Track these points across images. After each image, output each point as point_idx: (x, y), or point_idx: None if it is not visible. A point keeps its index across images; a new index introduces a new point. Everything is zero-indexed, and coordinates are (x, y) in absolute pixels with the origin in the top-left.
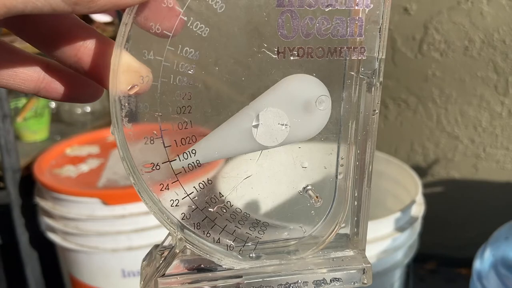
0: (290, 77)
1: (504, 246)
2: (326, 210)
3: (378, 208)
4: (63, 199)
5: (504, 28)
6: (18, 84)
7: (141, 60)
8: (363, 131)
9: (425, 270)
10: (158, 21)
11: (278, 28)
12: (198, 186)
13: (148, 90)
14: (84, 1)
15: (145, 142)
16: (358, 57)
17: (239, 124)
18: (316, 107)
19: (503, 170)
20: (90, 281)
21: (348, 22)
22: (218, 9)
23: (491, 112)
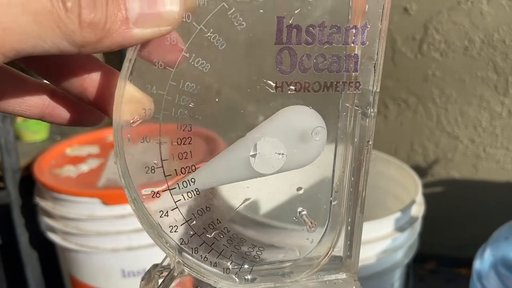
0: (287, 109)
1: (504, 246)
2: (321, 233)
3: (378, 208)
4: (63, 199)
5: (504, 28)
6: (24, 110)
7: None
8: (357, 160)
9: (425, 270)
10: (161, 56)
11: (277, 64)
12: (197, 213)
13: (150, 121)
14: (91, 43)
15: (146, 172)
16: (353, 91)
17: (237, 153)
18: (312, 137)
19: (503, 170)
20: (90, 281)
21: (344, 58)
22: (219, 46)
23: (491, 112)
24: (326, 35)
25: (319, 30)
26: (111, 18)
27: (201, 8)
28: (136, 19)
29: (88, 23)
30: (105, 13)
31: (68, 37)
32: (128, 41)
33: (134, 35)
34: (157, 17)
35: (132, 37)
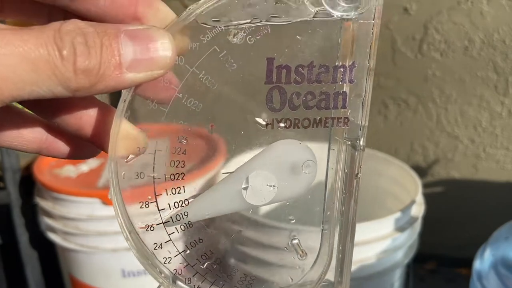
0: (278, 142)
1: (504, 246)
2: (312, 261)
3: (378, 208)
4: (63, 199)
5: (504, 28)
6: (22, 145)
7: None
8: (346, 192)
9: (425, 270)
10: (155, 94)
11: (267, 102)
12: (190, 245)
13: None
14: (85, 88)
15: (140, 206)
16: (342, 126)
17: (229, 186)
18: (302, 170)
19: (503, 170)
20: (90, 281)
21: (333, 95)
22: (211, 86)
23: (491, 112)
24: (315, 74)
25: (308, 69)
26: (105, 64)
27: (193, 51)
28: (129, 64)
29: (83, 70)
30: (99, 60)
31: (63, 83)
32: (121, 85)
33: (127, 79)
34: (150, 62)
35: (125, 81)
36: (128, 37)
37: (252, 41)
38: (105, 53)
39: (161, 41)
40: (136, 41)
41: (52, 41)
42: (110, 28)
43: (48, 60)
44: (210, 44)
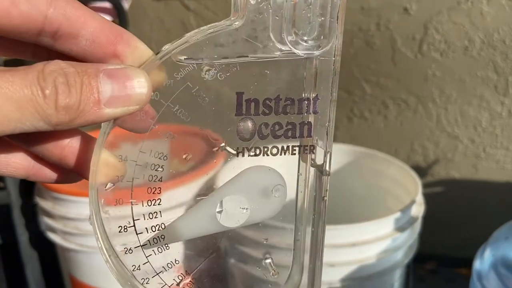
0: (249, 168)
1: (504, 246)
2: (285, 279)
3: (378, 208)
4: (63, 199)
5: (504, 28)
6: (10, 171)
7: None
8: (315, 213)
9: (425, 270)
10: (133, 126)
11: (238, 133)
12: (167, 266)
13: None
14: (65, 122)
15: (119, 231)
16: (309, 153)
17: (204, 210)
18: (273, 194)
19: (503, 170)
20: (90, 281)
21: (299, 126)
22: (184, 119)
23: (491, 112)
24: (282, 106)
25: (275, 102)
26: (84, 101)
27: (168, 87)
28: (107, 100)
29: (63, 107)
30: (79, 97)
31: (45, 118)
32: (100, 119)
33: (105, 114)
34: (127, 98)
35: (103, 116)
36: (107, 76)
37: (223, 78)
38: (85, 91)
39: (137, 80)
40: (114, 80)
41: (36, 81)
42: (90, 68)
43: (31, 99)
44: (183, 80)
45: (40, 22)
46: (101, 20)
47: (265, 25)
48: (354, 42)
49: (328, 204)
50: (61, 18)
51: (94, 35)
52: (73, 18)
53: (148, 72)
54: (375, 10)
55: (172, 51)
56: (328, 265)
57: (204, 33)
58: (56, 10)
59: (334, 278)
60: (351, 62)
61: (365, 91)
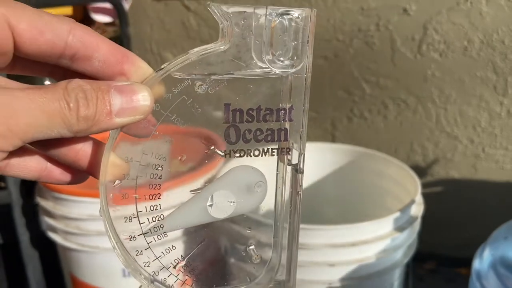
0: (235, 168)
1: (503, 246)
2: (266, 263)
3: (377, 208)
4: (64, 199)
5: (503, 28)
6: (25, 173)
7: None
8: (291, 206)
9: (425, 270)
10: (137, 132)
11: (225, 137)
12: (165, 251)
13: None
14: (83, 130)
15: (125, 221)
16: (285, 155)
17: (197, 203)
18: (255, 189)
19: (502, 170)
20: (91, 281)
21: (277, 131)
22: (180, 126)
23: (490, 112)
24: (262, 115)
25: (256, 112)
26: (99, 112)
27: (167, 99)
28: (117, 112)
29: (83, 117)
30: (95, 109)
31: (69, 127)
32: (111, 127)
33: (115, 123)
34: (133, 110)
35: (114, 125)
36: (117, 91)
37: (213, 91)
38: (100, 104)
39: (142, 94)
40: (123, 94)
41: (62, 97)
42: (103, 85)
43: (59, 111)
44: (179, 94)
45: (61, 48)
46: (110, 43)
47: (248, 48)
48: (354, 43)
49: (327, 204)
50: (78, 44)
51: (105, 56)
52: (88, 43)
53: (150, 87)
54: (374, 11)
55: (171, 69)
56: (328, 265)
57: (197, 55)
58: (74, 37)
59: (334, 278)
60: (351, 62)
61: (365, 91)
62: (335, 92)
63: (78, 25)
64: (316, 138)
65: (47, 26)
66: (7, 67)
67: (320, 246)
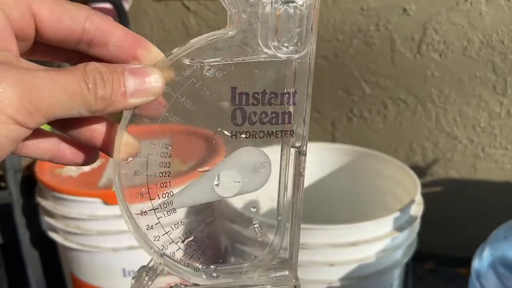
0: (241, 149)
1: (503, 245)
2: (270, 241)
3: (377, 207)
4: (64, 198)
5: (502, 28)
6: (38, 154)
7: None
8: (294, 187)
9: (424, 270)
10: (149, 113)
11: (232, 119)
12: (174, 226)
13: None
14: (100, 110)
15: (137, 197)
16: (289, 137)
17: (205, 182)
18: (260, 170)
19: (502, 170)
20: (91, 280)
21: (281, 114)
22: (190, 107)
23: (489, 112)
24: (267, 99)
25: (262, 95)
26: (115, 93)
27: (177, 82)
28: (131, 92)
29: (100, 97)
30: (111, 90)
31: (87, 106)
32: (125, 107)
33: (130, 103)
34: (146, 91)
35: (128, 105)
36: (131, 73)
37: (220, 75)
38: (115, 85)
39: (154, 76)
40: (136, 76)
41: (82, 78)
42: (117, 67)
43: (79, 92)
44: (189, 77)
45: (79, 33)
46: (124, 29)
47: (254, 34)
48: (354, 43)
49: (327, 204)
50: (95, 30)
51: (119, 42)
52: (104, 29)
53: (161, 70)
54: (374, 11)
55: (180, 53)
56: (328, 265)
57: (205, 40)
58: (91, 24)
59: (333, 277)
60: (351, 62)
61: (365, 91)
62: (335, 92)
63: (94, 12)
64: (316, 138)
65: (66, 13)
66: (27, 52)
67: (320, 245)
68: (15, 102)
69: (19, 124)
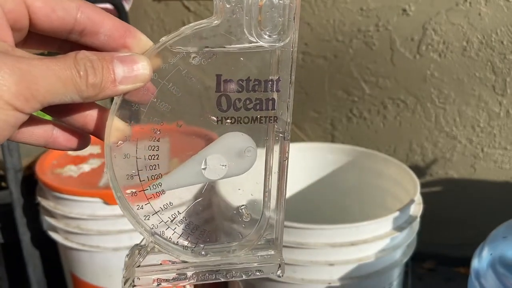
0: (227, 134)
1: (502, 245)
2: (256, 223)
3: (377, 207)
4: (65, 198)
5: (502, 28)
6: (33, 139)
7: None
8: (278, 170)
9: (424, 269)
10: (137, 98)
11: (217, 105)
12: (163, 206)
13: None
14: (92, 96)
15: (127, 178)
16: (273, 123)
17: (193, 165)
18: (245, 154)
19: (501, 169)
20: (91, 280)
21: (265, 101)
22: (176, 94)
23: (489, 112)
24: (251, 86)
25: (246, 82)
26: (105, 80)
27: (164, 70)
28: (120, 79)
29: (91, 84)
30: (101, 77)
31: (80, 93)
32: (114, 94)
33: (119, 90)
34: (134, 77)
35: (118, 91)
36: (119, 61)
37: (205, 63)
38: (105, 72)
39: (142, 63)
40: (124, 64)
41: (73, 65)
42: (107, 55)
43: (72, 78)
44: (175, 65)
45: (71, 24)
46: (114, 19)
47: (238, 23)
48: (353, 43)
49: (327, 204)
50: (86, 20)
51: (110, 31)
52: (95, 19)
53: (149, 58)
54: (374, 11)
55: (167, 41)
56: (328, 264)
57: (191, 29)
58: (83, 14)
59: (333, 277)
60: (351, 63)
61: (364, 91)
62: (334, 92)
63: (85, 3)
64: (316, 138)
65: (58, 4)
66: (21, 43)
67: (320, 245)
68: (13, 88)
69: (16, 109)
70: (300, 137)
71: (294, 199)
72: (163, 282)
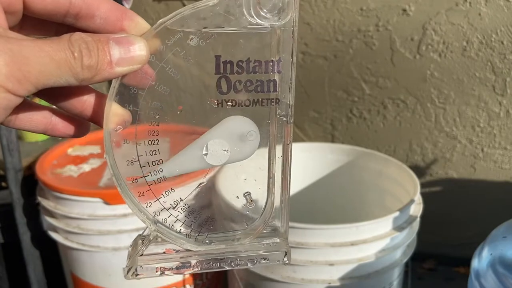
0: (229, 118)
1: (502, 245)
2: (261, 210)
3: (377, 207)
4: (65, 198)
5: (502, 28)
6: (32, 126)
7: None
8: (282, 155)
9: (424, 269)
10: (135, 82)
11: (217, 87)
12: (165, 193)
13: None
14: (88, 78)
15: (127, 164)
16: (275, 105)
17: (194, 150)
18: (247, 138)
19: (501, 170)
20: (91, 280)
21: (266, 82)
22: (175, 77)
23: (489, 112)
24: (252, 67)
25: (246, 64)
26: (101, 62)
27: (162, 51)
28: (117, 61)
29: (87, 66)
30: (97, 59)
31: (75, 75)
32: (112, 76)
33: (116, 72)
34: (131, 59)
35: (115, 73)
36: (115, 42)
37: (204, 44)
38: (101, 54)
39: (138, 45)
40: (120, 45)
41: (67, 47)
42: (102, 37)
43: (66, 60)
44: (173, 46)
45: (66, 7)
46: (111, 2)
47: (237, 2)
48: (354, 43)
49: (327, 204)
50: (81, 3)
51: (106, 14)
52: (90, 2)
53: (146, 40)
54: (374, 11)
55: (164, 23)
56: (328, 264)
57: (189, 9)
58: None
59: (333, 277)
60: (350, 63)
61: (364, 91)
62: (334, 92)
63: None
64: (316, 138)
65: None
66: (16, 27)
67: (320, 245)
68: (4, 70)
69: (8, 91)
70: (300, 137)
71: (294, 199)
72: (166, 270)
